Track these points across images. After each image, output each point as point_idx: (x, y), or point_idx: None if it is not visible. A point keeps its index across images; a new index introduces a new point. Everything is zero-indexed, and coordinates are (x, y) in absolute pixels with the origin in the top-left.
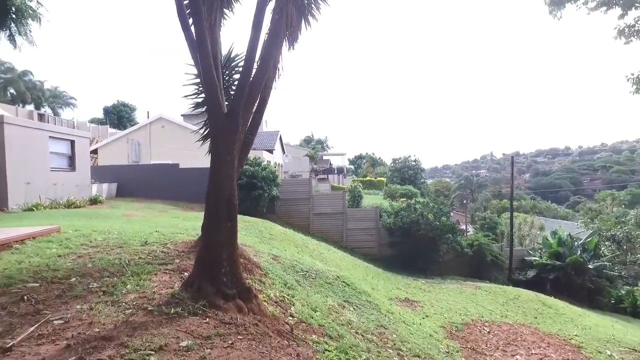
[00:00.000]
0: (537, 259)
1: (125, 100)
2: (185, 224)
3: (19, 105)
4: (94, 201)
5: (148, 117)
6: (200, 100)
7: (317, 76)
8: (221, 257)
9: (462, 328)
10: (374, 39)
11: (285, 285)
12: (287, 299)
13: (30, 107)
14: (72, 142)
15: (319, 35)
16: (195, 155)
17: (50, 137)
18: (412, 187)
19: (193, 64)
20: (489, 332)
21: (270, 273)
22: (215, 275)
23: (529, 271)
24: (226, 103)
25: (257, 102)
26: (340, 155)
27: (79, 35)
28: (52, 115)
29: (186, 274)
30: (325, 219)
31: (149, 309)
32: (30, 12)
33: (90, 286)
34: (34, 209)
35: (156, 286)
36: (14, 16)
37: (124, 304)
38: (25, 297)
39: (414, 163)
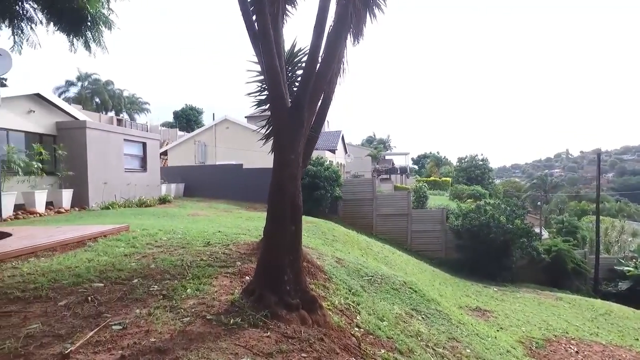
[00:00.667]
0: (631, 269)
1: (193, 104)
2: (248, 224)
3: (102, 112)
4: (163, 200)
5: (213, 119)
6: (263, 97)
7: (379, 74)
8: (284, 264)
9: (543, 345)
10: (438, 33)
11: (350, 291)
12: (353, 307)
13: (111, 113)
14: (144, 144)
15: (382, 30)
16: (259, 156)
17: (124, 139)
18: (480, 188)
19: (256, 60)
20: (577, 351)
21: (334, 277)
22: (277, 283)
23: (620, 283)
24: (289, 100)
25: (322, 97)
26: (403, 154)
27: (154, 43)
28: (129, 120)
29: (247, 278)
30: (388, 220)
31: (207, 317)
32: (103, 18)
33: (151, 289)
34: (110, 207)
35: (216, 291)
36: (89, 24)
37: (182, 310)
38: (90, 298)
39: (481, 162)
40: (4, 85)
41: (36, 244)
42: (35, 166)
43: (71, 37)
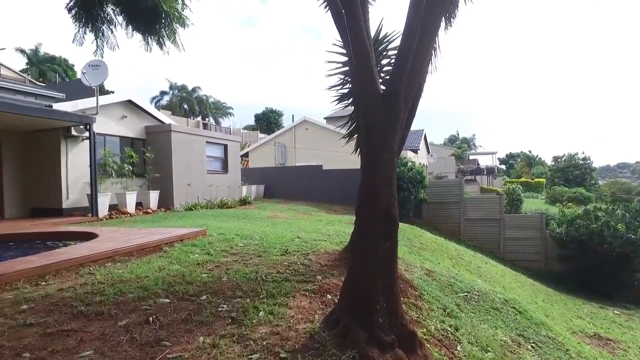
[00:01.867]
0: None
1: (273, 107)
2: (328, 228)
3: (190, 118)
4: (244, 202)
5: (292, 121)
6: (346, 90)
7: (462, 67)
8: (376, 290)
9: None
10: (528, 22)
11: (445, 311)
12: (451, 334)
13: (198, 118)
14: (225, 147)
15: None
16: (338, 157)
17: (207, 142)
18: (584, 190)
19: (336, 50)
20: None
21: (426, 294)
22: (367, 314)
23: None
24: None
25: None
26: (489, 154)
27: (239, 49)
28: (214, 124)
29: (329, 297)
30: (478, 225)
31: (281, 355)
32: (177, 15)
33: (220, 309)
34: (193, 208)
35: (292, 316)
36: (162, 21)
37: (252, 342)
38: (151, 319)
39: (581, 162)
40: (105, 93)
41: (115, 248)
42: (127, 169)
43: (146, 35)
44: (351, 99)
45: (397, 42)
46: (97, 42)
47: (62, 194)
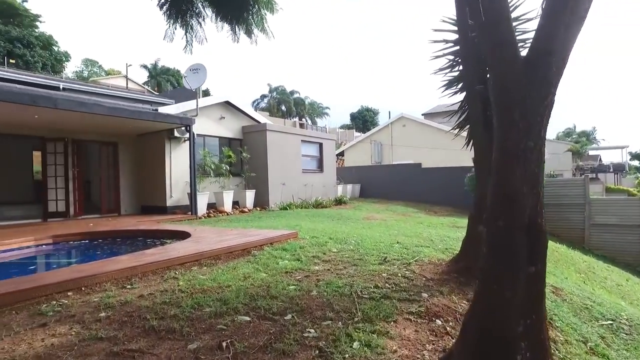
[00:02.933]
0: None
1: (369, 105)
2: (430, 232)
3: (287, 118)
4: (339, 202)
5: (389, 117)
6: (456, 73)
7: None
8: (514, 333)
9: None
10: None
11: (586, 345)
12: None
13: (295, 119)
14: (320, 145)
15: None
16: (438, 154)
17: (302, 140)
18: None
19: (444, 28)
20: None
21: (557, 320)
22: None
23: None
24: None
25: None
26: (617, 148)
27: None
28: (311, 124)
29: (438, 322)
30: (608, 232)
31: None
32: (265, 0)
33: (306, 334)
34: (287, 208)
35: (395, 350)
36: (250, 8)
37: None
38: (225, 344)
39: None
40: (206, 95)
41: (202, 251)
42: (224, 168)
43: (233, 24)
44: (461, 84)
45: (521, 10)
46: (186, 37)
47: (166, 192)
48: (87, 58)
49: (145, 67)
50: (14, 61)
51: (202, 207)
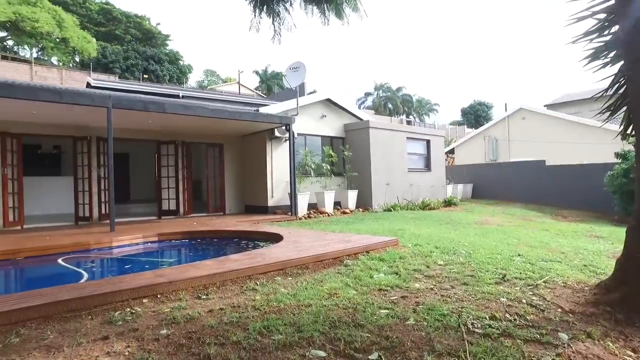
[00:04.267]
0: None
1: (482, 99)
2: (560, 242)
3: (394, 116)
4: (448, 203)
5: (506, 110)
6: (607, 38)
7: None
8: None
9: None
10: None
11: None
12: None
13: (402, 117)
14: (428, 142)
15: None
16: (565, 150)
17: (407, 137)
18: None
19: None
20: None
21: None
22: None
23: None
24: None
25: None
26: None
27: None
28: (418, 121)
29: None
30: None
31: None
32: None
33: None
34: (392, 209)
35: None
36: None
37: None
38: None
39: None
40: (311, 93)
41: (288, 259)
42: (325, 168)
43: (321, 5)
44: (613, 52)
45: None
46: (274, 26)
47: (267, 192)
48: (208, 69)
49: (256, 72)
50: (147, 76)
51: (302, 208)
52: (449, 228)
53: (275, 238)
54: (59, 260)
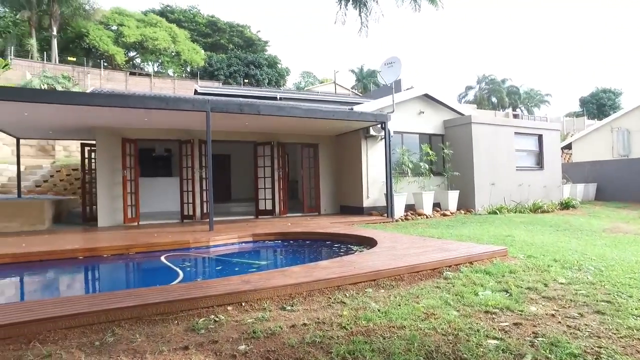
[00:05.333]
0: None
1: (606, 86)
2: None
3: (498, 110)
4: (565, 205)
5: None
6: None
7: None
8: None
9: None
10: None
11: None
12: None
13: (508, 110)
14: (539, 137)
15: None
16: None
17: (515, 133)
18: None
19: None
20: None
21: None
22: None
23: None
24: None
25: None
26: None
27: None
28: (527, 114)
29: None
30: None
31: None
32: None
33: None
34: (497, 212)
35: None
36: None
37: None
38: None
39: None
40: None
41: (380, 269)
42: (423, 167)
43: None
44: None
45: None
46: (360, 17)
47: (362, 193)
48: (305, 71)
49: (352, 71)
50: (247, 80)
51: (399, 209)
52: (568, 236)
53: (369, 242)
54: (162, 258)
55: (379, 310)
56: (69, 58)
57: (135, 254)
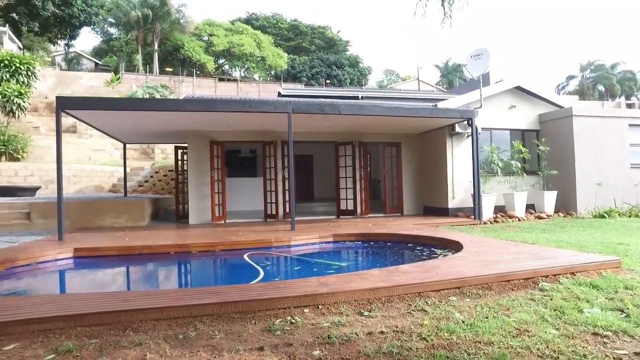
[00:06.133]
0: None
1: None
2: None
3: (606, 99)
4: None
5: None
6: None
7: None
8: None
9: None
10: None
11: None
12: None
13: (619, 99)
14: None
15: None
16: None
17: (630, 125)
18: None
19: None
20: None
21: None
22: None
23: None
24: None
25: None
26: None
27: None
28: None
29: None
30: None
31: None
32: None
33: None
34: (606, 215)
35: None
36: None
37: None
38: None
39: None
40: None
41: (466, 276)
42: (515, 165)
43: None
44: None
45: None
46: (443, 7)
47: (447, 193)
48: (387, 69)
49: (437, 67)
50: (329, 81)
51: (487, 211)
52: None
53: (454, 246)
54: (245, 256)
55: (463, 322)
56: (167, 69)
57: (220, 251)
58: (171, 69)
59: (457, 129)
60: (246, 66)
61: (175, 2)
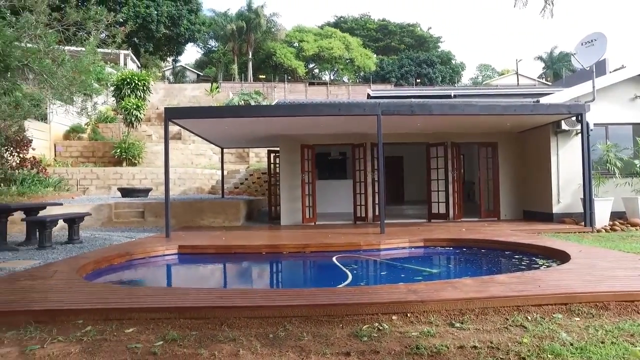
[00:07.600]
0: None
1: None
2: None
3: None
4: None
5: None
6: None
7: None
8: None
9: None
10: None
11: None
12: None
13: None
14: None
15: None
16: None
17: None
18: None
19: None
20: None
21: None
22: None
23: None
24: None
25: None
26: None
27: None
28: None
29: None
30: None
31: None
32: None
33: None
34: None
35: None
36: None
37: None
38: None
39: None
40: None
41: (575, 291)
42: (637, 166)
43: None
44: None
45: None
46: None
47: (552, 197)
48: (482, 63)
49: (539, 58)
50: (419, 80)
51: (601, 217)
52: None
53: (560, 256)
54: (333, 259)
55: (572, 345)
56: (260, 76)
57: (310, 253)
58: (264, 76)
59: (564, 125)
60: (335, 69)
61: (267, 12)
